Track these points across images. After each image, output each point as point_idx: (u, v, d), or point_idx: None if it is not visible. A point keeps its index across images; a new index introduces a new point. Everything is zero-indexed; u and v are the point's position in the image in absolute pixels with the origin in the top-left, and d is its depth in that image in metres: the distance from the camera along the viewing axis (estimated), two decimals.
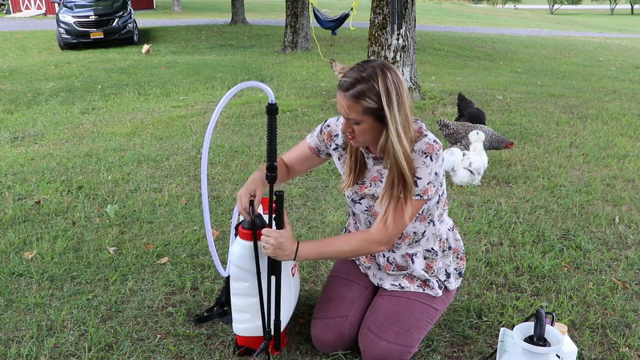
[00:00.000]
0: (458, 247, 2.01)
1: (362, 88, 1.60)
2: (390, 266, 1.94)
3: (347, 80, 1.63)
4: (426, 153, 1.68)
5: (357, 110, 1.62)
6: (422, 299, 1.90)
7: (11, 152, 4.49)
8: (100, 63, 10.08)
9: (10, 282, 2.45)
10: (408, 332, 1.82)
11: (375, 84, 1.59)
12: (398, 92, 1.61)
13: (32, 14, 23.06)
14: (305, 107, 5.99)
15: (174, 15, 22.26)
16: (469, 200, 3.37)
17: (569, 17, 44.17)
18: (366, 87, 1.60)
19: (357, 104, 1.61)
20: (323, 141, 1.94)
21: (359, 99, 1.60)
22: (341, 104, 1.65)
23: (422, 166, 1.68)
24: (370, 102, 1.60)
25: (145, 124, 5.41)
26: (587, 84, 8.35)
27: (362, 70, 1.62)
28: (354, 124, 1.66)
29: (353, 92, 1.61)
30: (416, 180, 1.68)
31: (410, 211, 1.70)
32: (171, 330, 2.09)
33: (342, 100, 1.64)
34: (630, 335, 2.05)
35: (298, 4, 10.91)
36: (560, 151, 4.40)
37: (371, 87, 1.59)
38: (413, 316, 1.86)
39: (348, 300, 1.95)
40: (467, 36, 16.37)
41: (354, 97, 1.61)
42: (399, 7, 5.68)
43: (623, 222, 3.07)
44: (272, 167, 1.67)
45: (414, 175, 1.68)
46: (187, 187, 3.61)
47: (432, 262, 1.94)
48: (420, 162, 1.68)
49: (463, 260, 2.03)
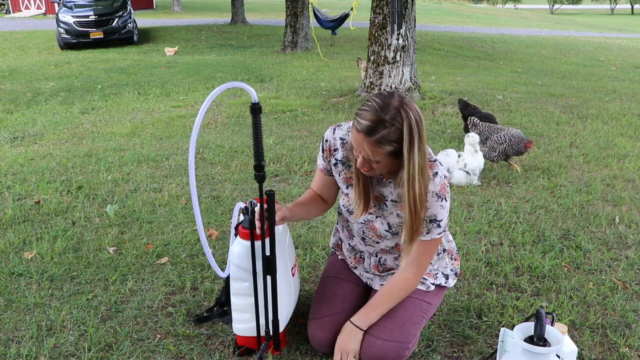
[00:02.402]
0: (451, 248, 2.02)
1: (385, 134, 1.54)
2: (380, 267, 1.96)
3: (367, 124, 1.55)
4: (440, 196, 1.69)
5: (379, 154, 1.58)
6: (413, 294, 1.90)
7: (11, 152, 4.49)
8: (100, 63, 10.08)
9: (10, 282, 2.45)
10: (402, 328, 1.82)
11: (399, 126, 1.54)
12: (420, 131, 1.56)
13: (31, 14, 23.06)
14: (305, 107, 5.99)
15: (173, 15, 22.26)
16: (469, 200, 3.37)
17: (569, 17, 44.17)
18: (390, 132, 1.54)
19: (381, 148, 1.56)
20: (326, 158, 1.89)
21: (382, 144, 1.55)
22: (361, 146, 1.58)
23: (439, 210, 1.71)
24: (394, 145, 1.56)
25: (145, 124, 5.41)
26: (587, 83, 8.35)
27: (384, 112, 1.54)
28: (374, 163, 1.63)
29: (377, 138, 1.54)
30: (439, 223, 1.73)
31: (436, 246, 1.80)
32: (171, 330, 2.08)
33: (364, 144, 1.57)
34: (630, 335, 2.05)
35: (298, 4, 10.91)
36: (560, 151, 4.40)
37: (394, 132, 1.54)
38: (406, 312, 1.86)
39: (341, 298, 1.96)
40: (467, 36, 16.37)
41: (378, 143, 1.55)
42: (399, 7, 5.67)
43: (623, 222, 3.07)
44: (260, 166, 1.67)
45: (430, 214, 1.71)
46: (187, 187, 3.61)
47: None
48: (438, 206, 1.70)
49: (457, 260, 2.04)
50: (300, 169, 3.94)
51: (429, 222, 1.72)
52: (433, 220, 1.72)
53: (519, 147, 3.73)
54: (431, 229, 1.74)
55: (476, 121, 4.00)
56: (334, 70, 8.70)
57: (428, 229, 1.74)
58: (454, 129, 5.06)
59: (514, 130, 3.81)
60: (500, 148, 3.72)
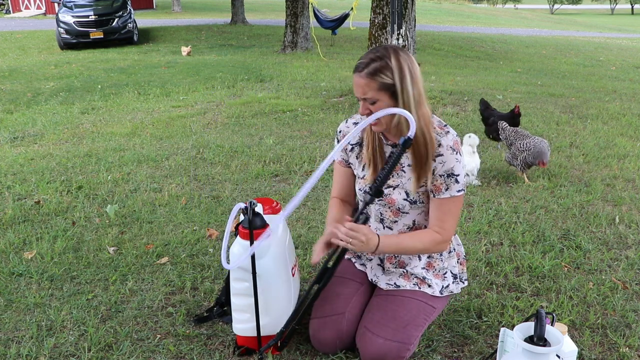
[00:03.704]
0: (460, 251, 2.03)
1: (376, 66, 1.68)
2: (394, 259, 1.95)
3: (362, 62, 1.70)
4: (455, 150, 1.77)
5: (372, 88, 1.68)
6: (418, 297, 1.91)
7: (11, 152, 4.49)
8: (100, 63, 10.08)
9: (10, 282, 2.45)
10: (405, 329, 1.82)
11: (389, 60, 1.67)
12: (410, 68, 1.69)
13: (31, 14, 23.06)
14: (305, 107, 5.99)
15: (173, 15, 22.26)
16: (469, 200, 3.37)
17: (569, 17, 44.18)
18: (380, 64, 1.67)
19: (373, 81, 1.68)
20: (344, 149, 1.95)
21: (373, 75, 1.67)
22: (357, 84, 1.71)
23: (455, 163, 1.76)
24: (385, 78, 1.67)
25: (145, 124, 5.41)
26: (587, 83, 8.35)
27: (376, 51, 1.71)
28: (370, 105, 1.72)
29: (368, 71, 1.68)
30: (456, 178, 1.77)
31: (458, 206, 1.81)
32: (171, 330, 2.08)
33: (357, 80, 1.70)
34: (630, 335, 2.05)
35: (298, 4, 10.91)
36: (560, 151, 4.39)
37: (385, 64, 1.67)
38: (410, 313, 1.86)
39: (344, 298, 1.95)
40: (467, 36, 16.37)
41: (369, 75, 1.68)
42: (399, 7, 5.67)
43: (623, 222, 3.07)
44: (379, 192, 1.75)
45: (447, 168, 1.75)
46: (187, 187, 3.61)
47: (435, 262, 1.95)
48: (453, 159, 1.76)
49: (463, 265, 2.05)
50: (300, 169, 3.94)
51: (447, 176, 1.76)
52: (450, 174, 1.76)
53: (534, 160, 3.61)
54: (450, 185, 1.77)
55: (505, 125, 3.91)
56: (334, 70, 8.70)
57: (447, 184, 1.77)
58: (453, 129, 5.05)
59: (539, 140, 3.63)
60: (521, 156, 3.63)
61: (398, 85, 1.67)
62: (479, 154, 3.64)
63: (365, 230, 1.74)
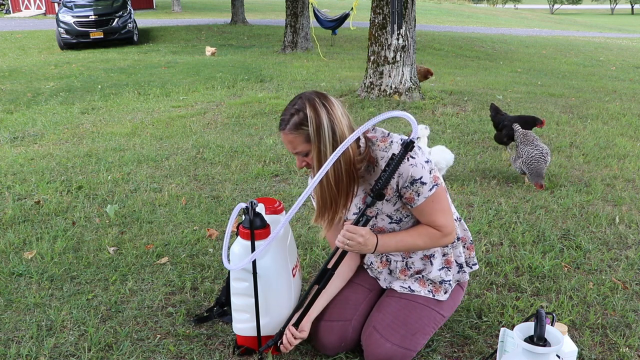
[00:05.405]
0: (466, 236, 2.00)
1: (295, 120, 1.69)
2: (408, 271, 1.94)
3: (284, 118, 1.73)
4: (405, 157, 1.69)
5: (300, 141, 1.71)
6: (431, 305, 1.90)
7: (11, 152, 4.49)
8: (100, 63, 10.08)
9: (10, 282, 2.45)
10: (414, 337, 1.82)
11: (306, 111, 1.68)
12: (329, 113, 1.68)
13: (31, 14, 23.05)
14: None
15: (173, 15, 22.26)
16: (469, 200, 3.37)
17: (569, 17, 44.17)
18: (299, 118, 1.69)
19: (298, 135, 1.70)
20: None
21: (297, 129, 1.69)
22: (285, 141, 1.74)
23: (412, 169, 1.70)
24: (308, 129, 1.68)
25: (145, 124, 5.41)
26: (587, 83, 8.35)
27: (294, 104, 1.72)
28: (304, 157, 1.75)
29: (289, 127, 1.70)
30: (421, 181, 1.70)
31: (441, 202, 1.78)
32: (171, 330, 2.08)
33: (284, 137, 1.73)
34: (630, 335, 2.05)
35: (298, 4, 10.91)
36: (560, 151, 4.40)
37: (304, 116, 1.68)
38: (420, 321, 1.86)
39: (352, 304, 1.94)
40: (467, 36, 16.37)
41: (292, 130, 1.70)
42: (399, 7, 5.67)
43: (623, 222, 3.07)
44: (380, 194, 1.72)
45: (406, 177, 1.70)
46: (187, 187, 3.61)
47: (451, 256, 1.94)
48: (407, 167, 1.69)
49: (471, 250, 2.02)
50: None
51: (411, 184, 1.71)
52: (413, 181, 1.70)
53: (530, 178, 3.56)
54: (419, 190, 1.72)
55: (517, 127, 3.86)
56: (334, 70, 8.70)
57: (416, 191, 1.72)
58: (454, 129, 5.06)
59: (539, 151, 3.52)
60: (518, 161, 3.60)
61: (312, 136, 1.67)
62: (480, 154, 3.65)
63: (362, 231, 1.74)
